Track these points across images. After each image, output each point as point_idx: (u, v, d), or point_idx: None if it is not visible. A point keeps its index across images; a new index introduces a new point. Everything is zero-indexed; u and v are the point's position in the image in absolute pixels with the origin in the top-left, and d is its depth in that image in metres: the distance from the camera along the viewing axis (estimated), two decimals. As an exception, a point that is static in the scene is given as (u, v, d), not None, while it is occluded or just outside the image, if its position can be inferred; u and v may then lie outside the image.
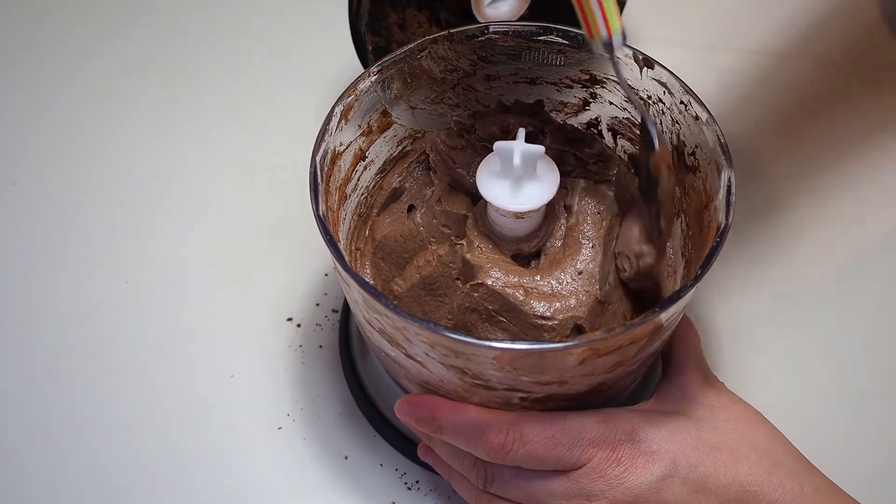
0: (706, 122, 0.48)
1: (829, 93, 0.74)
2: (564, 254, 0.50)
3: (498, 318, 0.48)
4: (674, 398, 0.49)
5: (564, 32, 0.52)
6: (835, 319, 0.63)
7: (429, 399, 0.47)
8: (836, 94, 0.74)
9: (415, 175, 0.56)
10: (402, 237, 0.52)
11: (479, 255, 0.49)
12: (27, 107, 0.74)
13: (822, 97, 0.73)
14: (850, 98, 0.74)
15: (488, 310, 0.48)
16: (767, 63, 0.76)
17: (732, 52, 0.76)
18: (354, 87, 0.50)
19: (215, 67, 0.77)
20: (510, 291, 0.48)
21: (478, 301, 0.48)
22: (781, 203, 0.68)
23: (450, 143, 0.54)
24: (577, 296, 0.49)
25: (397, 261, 0.53)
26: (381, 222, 0.54)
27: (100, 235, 0.66)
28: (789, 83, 0.74)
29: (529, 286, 0.48)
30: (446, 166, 0.54)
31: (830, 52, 0.77)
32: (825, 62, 0.76)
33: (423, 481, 0.56)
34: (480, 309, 0.48)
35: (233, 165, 0.70)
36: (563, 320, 0.48)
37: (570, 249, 0.50)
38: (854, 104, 0.73)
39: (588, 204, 0.51)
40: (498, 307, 0.48)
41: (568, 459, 0.45)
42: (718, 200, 0.47)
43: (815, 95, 0.74)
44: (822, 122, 0.72)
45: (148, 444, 0.57)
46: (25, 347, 0.61)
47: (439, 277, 0.50)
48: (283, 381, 0.59)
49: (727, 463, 0.45)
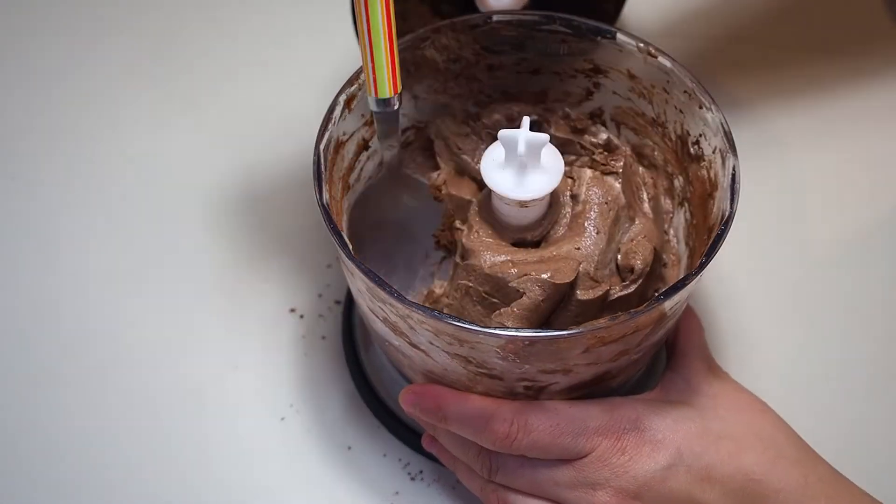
0: (710, 111, 0.48)
1: (832, 82, 0.73)
2: (566, 236, 0.50)
3: (491, 300, 0.48)
4: (678, 388, 0.49)
5: (568, 22, 0.52)
6: (840, 308, 0.63)
7: (433, 389, 0.47)
8: (839, 84, 0.74)
9: (417, 161, 0.56)
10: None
11: (476, 239, 0.49)
12: (26, 100, 0.74)
13: (825, 87, 0.73)
14: (855, 88, 0.73)
15: (480, 292, 0.48)
16: (773, 54, 0.75)
17: (736, 43, 0.76)
18: (358, 77, 0.50)
19: (217, 58, 0.76)
20: (501, 269, 0.48)
21: (472, 285, 0.48)
22: (786, 191, 0.68)
23: (455, 130, 0.54)
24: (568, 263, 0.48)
25: None
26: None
27: (100, 228, 0.66)
28: (793, 73, 0.74)
29: (520, 262, 0.48)
30: (451, 153, 0.54)
31: (833, 42, 0.77)
32: (827, 52, 0.76)
33: (426, 471, 0.56)
34: (473, 293, 0.48)
35: (235, 156, 0.70)
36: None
37: (572, 232, 0.50)
38: (857, 94, 0.73)
39: (595, 193, 0.50)
40: (490, 288, 0.48)
41: (573, 448, 0.45)
42: (723, 189, 0.47)
43: (819, 85, 0.73)
44: (827, 112, 0.72)
45: (151, 436, 0.57)
46: (25, 342, 0.61)
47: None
48: (287, 372, 0.59)
49: (732, 452, 0.45)
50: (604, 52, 0.52)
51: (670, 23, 0.47)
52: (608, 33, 0.51)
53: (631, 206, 0.51)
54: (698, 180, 0.50)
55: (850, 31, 0.77)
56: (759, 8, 0.79)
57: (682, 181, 0.52)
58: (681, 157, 0.52)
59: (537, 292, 0.46)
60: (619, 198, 0.51)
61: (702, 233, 0.49)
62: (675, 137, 0.52)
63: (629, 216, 0.50)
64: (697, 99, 0.49)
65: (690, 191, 0.51)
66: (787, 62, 0.75)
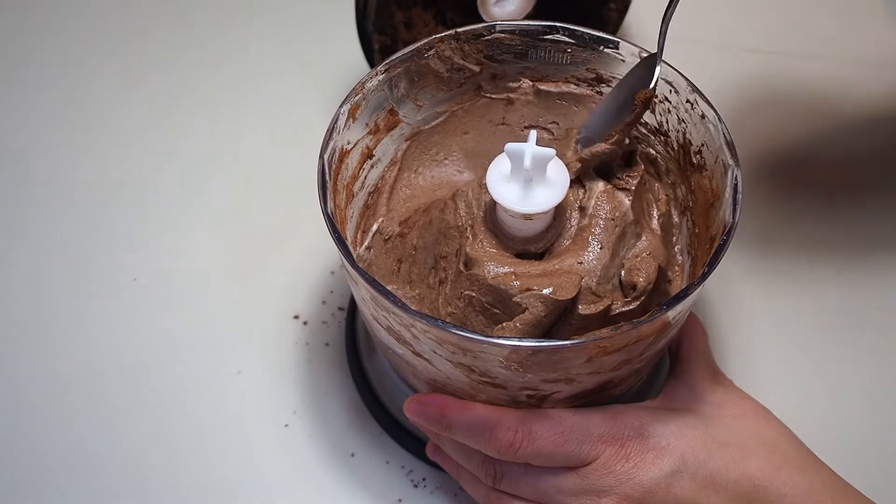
0: (712, 121, 0.48)
1: (837, 90, 0.74)
2: (570, 249, 0.50)
3: (493, 310, 0.48)
4: (682, 396, 0.49)
5: (571, 31, 0.52)
6: (842, 317, 0.63)
7: (438, 398, 0.47)
8: (843, 91, 0.74)
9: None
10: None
11: (479, 248, 0.49)
12: (32, 102, 0.74)
13: (829, 95, 0.73)
14: (859, 96, 0.74)
15: (482, 302, 0.48)
16: (774, 61, 0.76)
17: (739, 50, 0.76)
18: (362, 86, 0.50)
19: (222, 66, 0.77)
20: (504, 281, 0.48)
21: (475, 295, 0.48)
22: (789, 200, 0.68)
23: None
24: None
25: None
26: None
27: (106, 232, 0.66)
28: (795, 81, 0.75)
29: (523, 274, 0.48)
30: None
31: (838, 50, 0.77)
32: (832, 61, 0.76)
33: (429, 478, 0.56)
34: (475, 303, 0.48)
35: (240, 164, 0.70)
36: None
37: (576, 246, 0.50)
38: (862, 102, 0.73)
39: (603, 209, 0.50)
40: (492, 299, 0.48)
41: (577, 456, 0.45)
42: (725, 199, 0.47)
43: (823, 93, 0.74)
44: (829, 119, 0.72)
45: (154, 441, 0.57)
46: (29, 344, 0.61)
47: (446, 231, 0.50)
48: (290, 378, 0.60)
49: (736, 458, 0.45)
50: (607, 62, 0.53)
51: (673, 30, 0.47)
52: (611, 43, 0.51)
53: (639, 222, 0.51)
54: (700, 189, 0.50)
55: (850, 32, 0.77)
56: (760, 13, 0.79)
57: (684, 190, 0.53)
58: (683, 167, 0.52)
59: (539, 308, 0.46)
60: (628, 214, 0.50)
61: (704, 242, 0.50)
62: (678, 147, 0.52)
63: (636, 232, 0.50)
64: (700, 108, 0.49)
65: (693, 200, 0.51)
66: (788, 67, 0.75)
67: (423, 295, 0.51)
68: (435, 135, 0.56)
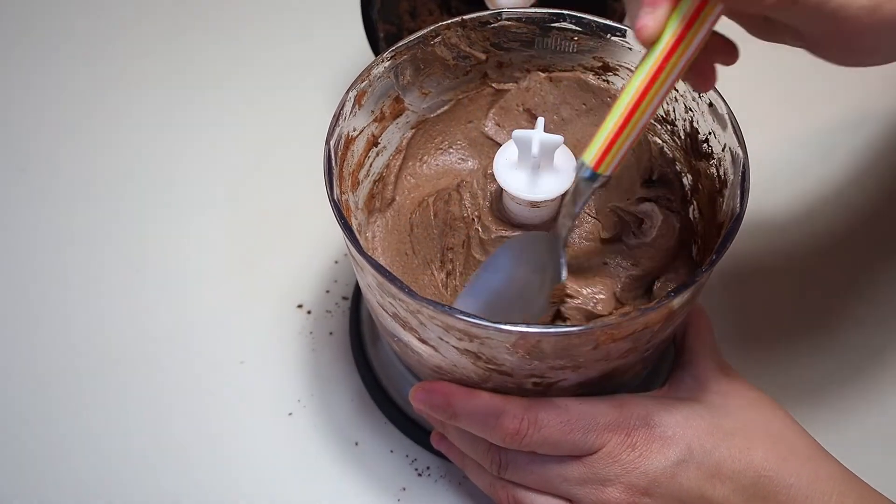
0: (720, 109, 0.48)
1: (844, 80, 0.73)
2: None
3: None
4: (687, 385, 0.49)
5: (577, 19, 0.52)
6: (850, 305, 0.63)
7: (443, 386, 0.47)
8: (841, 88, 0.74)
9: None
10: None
11: (487, 235, 0.49)
12: (38, 94, 0.74)
13: (839, 88, 0.73)
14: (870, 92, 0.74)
15: None
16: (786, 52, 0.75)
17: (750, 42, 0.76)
18: (368, 73, 0.50)
19: (227, 55, 0.76)
20: None
21: None
22: (795, 192, 0.68)
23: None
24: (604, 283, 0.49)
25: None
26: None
27: (110, 222, 0.66)
28: (807, 73, 0.74)
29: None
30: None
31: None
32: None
33: (433, 467, 0.56)
34: None
35: (244, 153, 0.70)
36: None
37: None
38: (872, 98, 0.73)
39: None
40: None
41: (583, 444, 0.45)
42: (732, 187, 0.47)
43: (834, 87, 0.73)
44: (839, 114, 0.72)
45: (158, 430, 0.57)
46: (34, 335, 0.61)
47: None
48: (294, 367, 0.60)
49: (742, 448, 0.45)
50: (613, 50, 0.52)
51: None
52: (618, 31, 0.51)
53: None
54: (707, 178, 0.50)
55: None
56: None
57: (690, 178, 0.52)
58: (690, 155, 0.52)
59: (578, 318, 0.46)
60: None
61: (710, 229, 0.49)
62: (685, 135, 0.52)
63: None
64: (707, 97, 0.49)
65: (700, 188, 0.51)
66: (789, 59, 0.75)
67: (430, 284, 0.51)
68: (440, 123, 0.56)
